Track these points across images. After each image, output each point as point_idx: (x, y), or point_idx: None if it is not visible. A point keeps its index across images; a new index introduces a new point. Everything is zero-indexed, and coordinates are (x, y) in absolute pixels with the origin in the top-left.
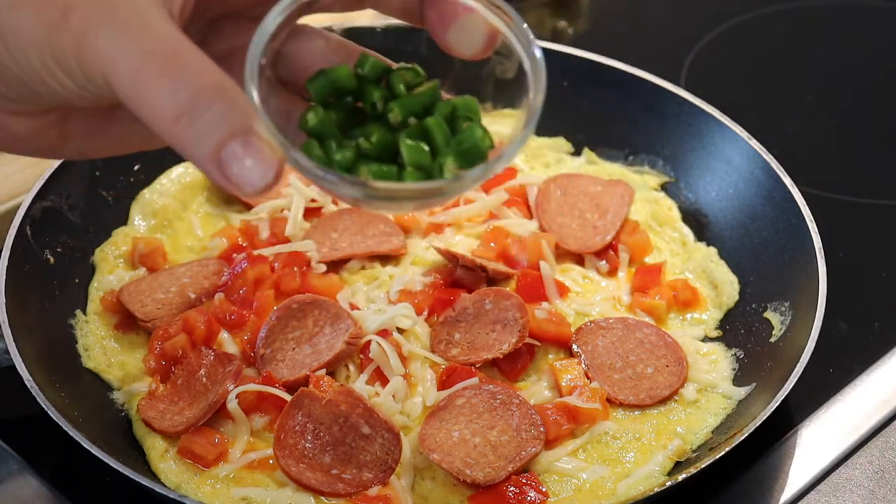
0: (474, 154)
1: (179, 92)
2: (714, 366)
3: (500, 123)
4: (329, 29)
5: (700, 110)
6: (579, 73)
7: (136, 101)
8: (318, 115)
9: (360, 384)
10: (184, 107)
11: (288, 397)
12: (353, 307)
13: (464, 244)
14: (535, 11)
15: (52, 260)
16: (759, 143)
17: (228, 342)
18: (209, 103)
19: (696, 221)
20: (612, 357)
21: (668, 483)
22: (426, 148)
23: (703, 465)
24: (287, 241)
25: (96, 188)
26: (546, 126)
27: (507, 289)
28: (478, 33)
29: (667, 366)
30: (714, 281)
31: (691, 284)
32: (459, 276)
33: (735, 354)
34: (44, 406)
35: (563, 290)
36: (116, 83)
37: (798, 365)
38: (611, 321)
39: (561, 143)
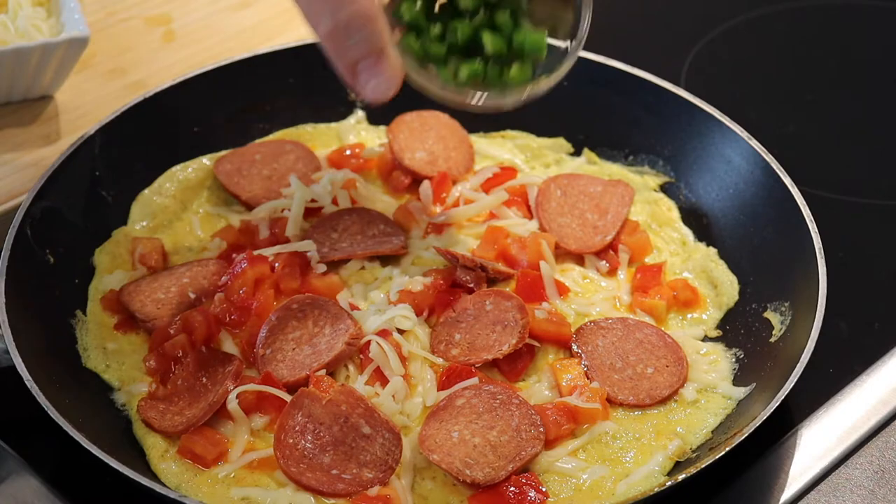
0: (536, 46)
1: (338, 13)
2: (714, 366)
3: (498, 145)
4: None
5: (700, 110)
6: (579, 73)
7: (303, 10)
8: (412, 9)
9: (359, 384)
10: (336, 27)
11: (288, 397)
12: (353, 307)
13: (464, 244)
14: None
15: (52, 260)
16: (759, 143)
17: (228, 342)
18: (358, 27)
19: (696, 221)
20: (612, 357)
21: (668, 483)
22: (502, 39)
23: (703, 465)
24: (287, 241)
25: (96, 188)
26: (546, 126)
27: (507, 289)
28: None
29: (667, 366)
30: (714, 281)
31: (691, 284)
32: (459, 276)
33: (735, 354)
34: (44, 406)
35: (563, 290)
36: None
37: (798, 365)
38: (611, 321)
39: (561, 143)
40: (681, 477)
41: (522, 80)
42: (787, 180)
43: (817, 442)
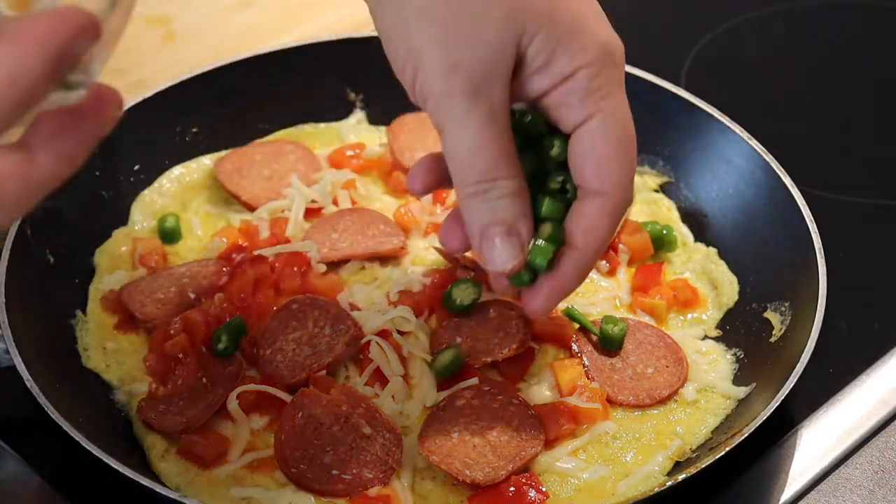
0: None
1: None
2: (714, 366)
3: None
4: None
5: (700, 110)
6: None
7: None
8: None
9: (359, 385)
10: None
11: (288, 398)
12: (354, 308)
13: None
14: None
15: (52, 260)
16: (759, 143)
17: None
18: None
19: (696, 221)
20: (613, 357)
21: (669, 483)
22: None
23: (703, 465)
24: (287, 241)
25: (96, 188)
26: None
27: None
28: None
29: (667, 366)
30: (714, 281)
31: (691, 284)
32: (459, 276)
33: (735, 354)
34: (44, 406)
35: None
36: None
37: (798, 365)
38: None
39: None
40: (681, 477)
41: None
42: (787, 180)
43: (817, 442)
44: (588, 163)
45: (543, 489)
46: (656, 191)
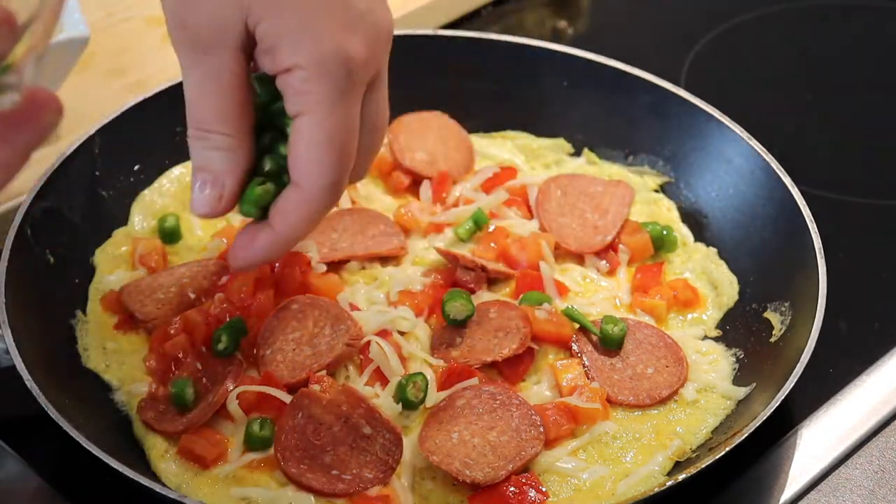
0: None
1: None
2: (714, 366)
3: (498, 146)
4: None
5: (700, 110)
6: (579, 73)
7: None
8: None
9: (359, 385)
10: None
11: (288, 398)
12: (354, 308)
13: (464, 244)
14: (535, 11)
15: (52, 260)
16: (759, 143)
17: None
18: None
19: (696, 221)
20: (613, 357)
21: (669, 483)
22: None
23: (703, 465)
24: None
25: (96, 188)
26: (546, 126)
27: (507, 289)
28: None
29: (667, 366)
30: (714, 281)
31: (691, 284)
32: (459, 276)
33: (735, 354)
34: (44, 406)
35: (563, 290)
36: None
37: (798, 365)
38: None
39: (561, 143)
40: (681, 477)
41: None
42: (787, 180)
43: (817, 442)
44: (291, 153)
45: (543, 489)
46: (656, 191)
